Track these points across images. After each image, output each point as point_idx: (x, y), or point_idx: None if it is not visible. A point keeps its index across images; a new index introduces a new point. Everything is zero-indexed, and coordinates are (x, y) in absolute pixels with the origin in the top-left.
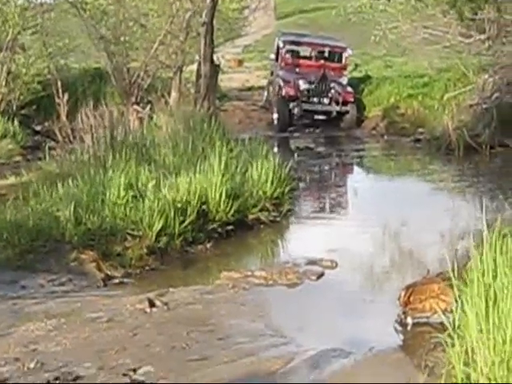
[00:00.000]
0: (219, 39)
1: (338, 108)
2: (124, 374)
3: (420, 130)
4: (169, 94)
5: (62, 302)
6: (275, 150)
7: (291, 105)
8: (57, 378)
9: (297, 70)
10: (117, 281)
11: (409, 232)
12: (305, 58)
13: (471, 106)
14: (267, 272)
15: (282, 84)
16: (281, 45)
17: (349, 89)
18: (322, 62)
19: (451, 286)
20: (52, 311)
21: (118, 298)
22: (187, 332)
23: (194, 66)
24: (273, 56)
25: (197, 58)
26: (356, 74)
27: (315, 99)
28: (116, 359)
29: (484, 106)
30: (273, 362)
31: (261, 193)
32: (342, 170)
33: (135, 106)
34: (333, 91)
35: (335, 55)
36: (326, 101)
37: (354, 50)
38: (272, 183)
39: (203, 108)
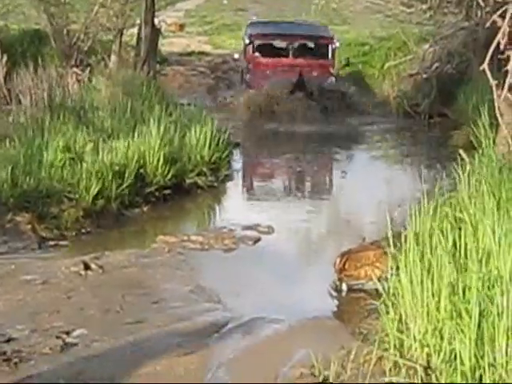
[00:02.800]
0: (160, 2)
1: None
2: (57, 337)
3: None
4: (109, 57)
5: None
6: None
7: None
8: None
9: (268, 72)
10: (52, 243)
11: (346, 200)
12: (279, 54)
13: (411, 75)
14: (203, 237)
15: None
16: (247, 41)
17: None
18: (302, 59)
19: (387, 254)
20: None
21: (53, 261)
22: (122, 295)
23: (135, 30)
24: (237, 55)
25: (138, 21)
26: None
27: None
28: (50, 322)
29: (424, 76)
30: (207, 327)
31: (199, 157)
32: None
33: (74, 69)
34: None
35: (319, 49)
36: None
37: (296, 17)
38: (210, 148)
39: (143, 72)
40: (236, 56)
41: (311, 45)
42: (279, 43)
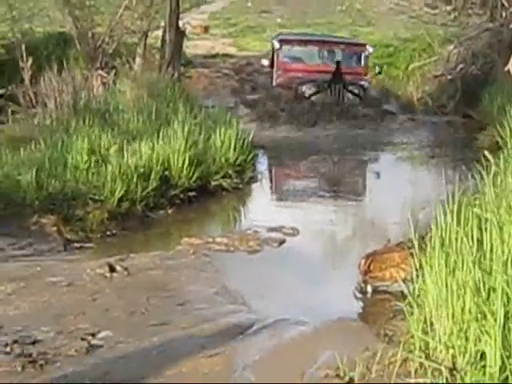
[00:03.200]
0: (185, 5)
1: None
2: (82, 339)
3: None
4: (133, 59)
5: (22, 265)
6: None
7: None
8: (15, 342)
9: (299, 75)
10: (77, 245)
11: (372, 201)
12: (310, 62)
13: (436, 76)
14: (228, 238)
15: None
16: (277, 45)
17: (372, 92)
18: (334, 66)
19: (411, 255)
20: (12, 275)
21: (78, 263)
22: (147, 297)
23: (160, 32)
24: (265, 62)
25: (162, 23)
26: None
27: None
28: (75, 323)
29: (449, 77)
30: (232, 329)
31: (223, 160)
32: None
33: (99, 71)
34: (351, 96)
35: (351, 56)
36: None
37: (321, 19)
38: (235, 150)
39: (168, 74)
40: (264, 62)
41: (343, 51)
42: (309, 50)
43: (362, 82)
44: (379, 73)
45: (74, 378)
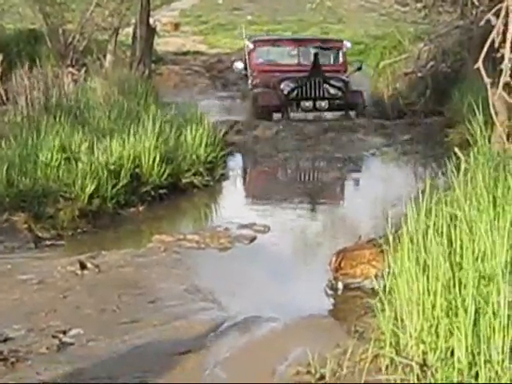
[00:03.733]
0: (156, 2)
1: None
2: (53, 336)
3: None
4: (104, 56)
5: None
6: None
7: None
8: None
9: (276, 74)
10: (48, 243)
11: (342, 198)
12: (286, 62)
13: (406, 74)
14: (199, 236)
15: (256, 95)
16: (250, 46)
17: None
18: (314, 58)
19: (382, 252)
20: None
21: (49, 260)
22: (118, 295)
23: (130, 29)
24: (240, 65)
25: (133, 20)
26: None
27: (307, 104)
28: (46, 321)
29: (419, 75)
30: (203, 326)
31: (194, 157)
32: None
33: (70, 69)
34: (332, 90)
35: (329, 53)
36: (323, 104)
37: (292, 16)
38: (206, 147)
39: (138, 71)
40: (239, 65)
41: (319, 49)
42: (285, 50)
43: (343, 77)
44: (359, 69)
45: (45, 376)
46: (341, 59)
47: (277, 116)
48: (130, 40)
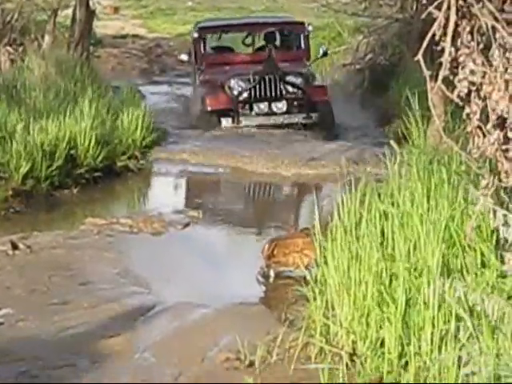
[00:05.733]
0: None
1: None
2: None
3: None
4: (42, 37)
5: None
6: None
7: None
8: None
9: (227, 68)
10: None
11: (277, 186)
12: (239, 51)
13: (344, 65)
14: (132, 220)
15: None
16: (196, 35)
17: (317, 82)
18: (269, 52)
19: (315, 242)
20: None
21: None
22: (49, 276)
23: (70, 11)
24: (185, 57)
25: (73, 2)
26: None
27: (262, 106)
28: None
29: (357, 67)
30: (134, 310)
31: (130, 140)
32: None
33: (7, 48)
34: (290, 88)
35: (289, 38)
36: (280, 105)
37: (233, 4)
38: (142, 131)
39: (76, 53)
40: (183, 57)
41: (278, 34)
42: (237, 35)
43: (304, 70)
44: (325, 54)
45: None
46: (303, 45)
47: (226, 122)
48: (69, 21)
